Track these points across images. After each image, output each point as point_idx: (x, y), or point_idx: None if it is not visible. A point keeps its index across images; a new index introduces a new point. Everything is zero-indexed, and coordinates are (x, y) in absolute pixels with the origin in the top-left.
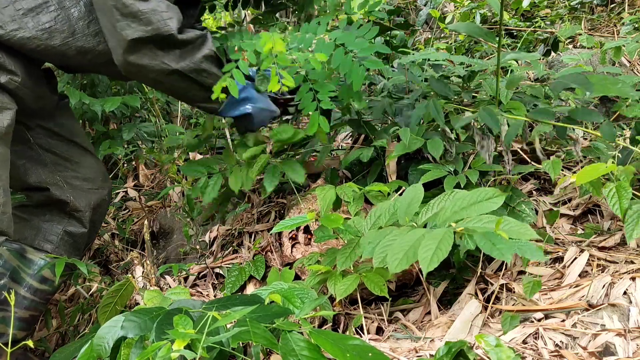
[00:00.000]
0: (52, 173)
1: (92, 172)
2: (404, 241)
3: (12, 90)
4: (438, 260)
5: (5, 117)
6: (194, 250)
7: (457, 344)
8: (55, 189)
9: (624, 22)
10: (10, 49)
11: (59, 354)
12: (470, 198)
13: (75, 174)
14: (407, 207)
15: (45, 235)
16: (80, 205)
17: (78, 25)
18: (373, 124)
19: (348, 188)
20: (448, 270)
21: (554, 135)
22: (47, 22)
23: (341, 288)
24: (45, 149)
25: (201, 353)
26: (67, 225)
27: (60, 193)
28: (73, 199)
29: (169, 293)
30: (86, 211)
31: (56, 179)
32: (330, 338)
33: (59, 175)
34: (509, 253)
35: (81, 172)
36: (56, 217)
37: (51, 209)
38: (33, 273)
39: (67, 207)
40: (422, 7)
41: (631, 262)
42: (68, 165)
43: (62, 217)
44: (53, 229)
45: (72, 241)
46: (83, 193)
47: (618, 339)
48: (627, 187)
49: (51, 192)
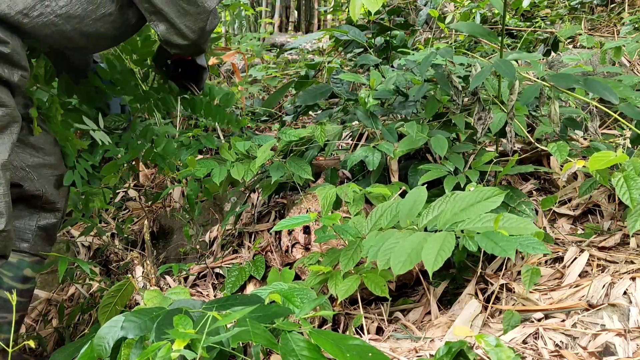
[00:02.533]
0: (21, 163)
1: (55, 157)
2: (407, 244)
3: (21, 88)
4: (442, 261)
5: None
6: (194, 250)
7: (457, 344)
8: (27, 184)
9: (624, 22)
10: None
11: (58, 354)
12: (470, 199)
13: (41, 161)
14: (409, 210)
15: (19, 234)
16: (52, 196)
17: (87, 10)
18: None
19: (349, 188)
20: (448, 270)
21: (555, 136)
22: (64, 7)
23: (342, 289)
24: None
25: (201, 353)
26: (39, 220)
27: (32, 187)
28: (45, 191)
29: (169, 293)
30: (57, 201)
31: (25, 171)
32: (330, 338)
33: (28, 166)
34: (511, 250)
35: (47, 159)
36: (26, 213)
37: (22, 205)
38: (13, 275)
39: (39, 201)
40: (422, 7)
41: (631, 262)
42: (33, 152)
43: (32, 212)
44: (26, 226)
45: (45, 235)
46: (51, 181)
47: (618, 339)
48: (636, 177)
49: (23, 188)
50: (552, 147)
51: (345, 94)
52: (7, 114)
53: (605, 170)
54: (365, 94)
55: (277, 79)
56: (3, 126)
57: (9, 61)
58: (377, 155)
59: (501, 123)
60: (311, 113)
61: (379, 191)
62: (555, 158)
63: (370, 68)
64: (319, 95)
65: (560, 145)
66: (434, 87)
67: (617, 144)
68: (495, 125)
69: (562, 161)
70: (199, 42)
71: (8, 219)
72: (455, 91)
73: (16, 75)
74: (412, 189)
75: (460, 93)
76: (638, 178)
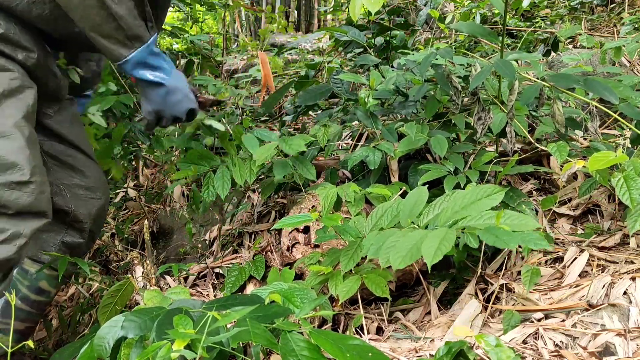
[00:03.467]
0: (56, 180)
1: (95, 181)
2: (407, 240)
3: (30, 68)
4: (442, 254)
5: (29, 95)
6: (194, 250)
7: (457, 344)
8: (57, 198)
9: (624, 22)
10: (21, 22)
11: (59, 354)
12: (470, 197)
13: (78, 182)
14: (410, 210)
15: (43, 246)
16: (81, 216)
17: None
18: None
19: (349, 188)
20: (448, 270)
21: (555, 135)
22: None
23: (344, 290)
24: (50, 155)
25: (201, 353)
26: (65, 236)
27: (62, 202)
28: (74, 209)
29: (169, 293)
30: (86, 222)
31: (59, 188)
32: (330, 338)
33: (62, 183)
34: (513, 242)
35: (84, 181)
36: (55, 227)
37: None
38: (29, 284)
39: (67, 217)
40: (422, 7)
41: (631, 262)
42: (72, 174)
43: (61, 227)
44: (51, 240)
45: (68, 252)
46: (84, 202)
47: (618, 339)
48: (636, 178)
49: (53, 201)
50: (552, 148)
51: (345, 94)
52: (16, 77)
53: (605, 170)
54: (365, 94)
55: (277, 79)
56: (14, 89)
57: (6, 40)
58: (377, 155)
59: (502, 123)
60: (311, 113)
61: (379, 192)
62: (555, 158)
63: (371, 68)
64: (319, 95)
65: (560, 146)
66: (434, 87)
67: (617, 144)
68: (496, 125)
69: (562, 161)
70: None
71: (32, 171)
72: (455, 91)
73: (20, 54)
74: (412, 189)
75: (459, 93)
76: (638, 178)
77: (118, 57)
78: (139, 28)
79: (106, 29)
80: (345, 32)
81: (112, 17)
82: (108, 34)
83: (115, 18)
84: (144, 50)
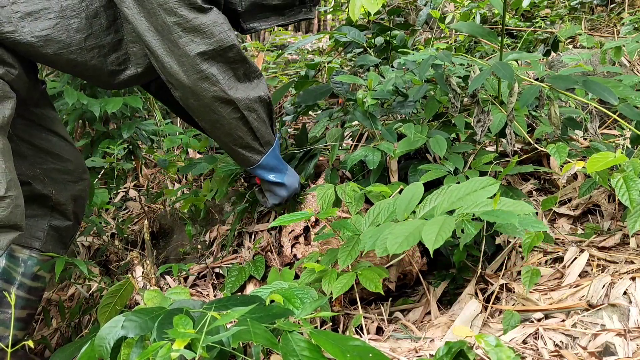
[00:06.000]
0: (32, 166)
1: (72, 164)
2: (405, 227)
3: (8, 82)
4: (442, 240)
5: (7, 106)
6: (194, 250)
7: (457, 344)
8: (36, 183)
9: (624, 22)
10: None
11: (59, 354)
12: (466, 189)
13: (55, 166)
14: (406, 205)
15: (31, 231)
16: (62, 198)
17: (75, 38)
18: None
19: (348, 188)
20: (448, 270)
21: (554, 136)
22: (44, 30)
23: (338, 286)
24: (24, 140)
25: (201, 353)
26: (52, 220)
27: (42, 187)
28: (55, 193)
29: (169, 293)
30: (68, 204)
31: (36, 172)
32: (330, 338)
33: (39, 168)
34: (513, 219)
35: (61, 164)
36: (39, 212)
37: (34, 203)
38: (24, 271)
39: (50, 201)
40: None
41: (631, 262)
42: (48, 158)
43: (46, 212)
44: (38, 225)
45: (57, 235)
46: (64, 186)
47: (618, 339)
48: (635, 178)
49: (33, 187)
50: (552, 149)
51: (345, 94)
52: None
53: (605, 171)
54: (362, 95)
55: (277, 79)
56: None
57: None
58: (377, 155)
59: (501, 124)
60: (311, 113)
61: (379, 190)
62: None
63: (370, 68)
64: (319, 95)
65: (560, 147)
66: (433, 88)
67: (616, 144)
68: (495, 126)
69: (561, 162)
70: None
71: (7, 185)
72: (454, 94)
73: (0, 69)
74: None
75: (458, 96)
76: (637, 179)
77: (253, 163)
78: (270, 135)
79: (247, 140)
80: (344, 34)
81: (252, 130)
82: (247, 144)
83: (254, 131)
84: (271, 154)
